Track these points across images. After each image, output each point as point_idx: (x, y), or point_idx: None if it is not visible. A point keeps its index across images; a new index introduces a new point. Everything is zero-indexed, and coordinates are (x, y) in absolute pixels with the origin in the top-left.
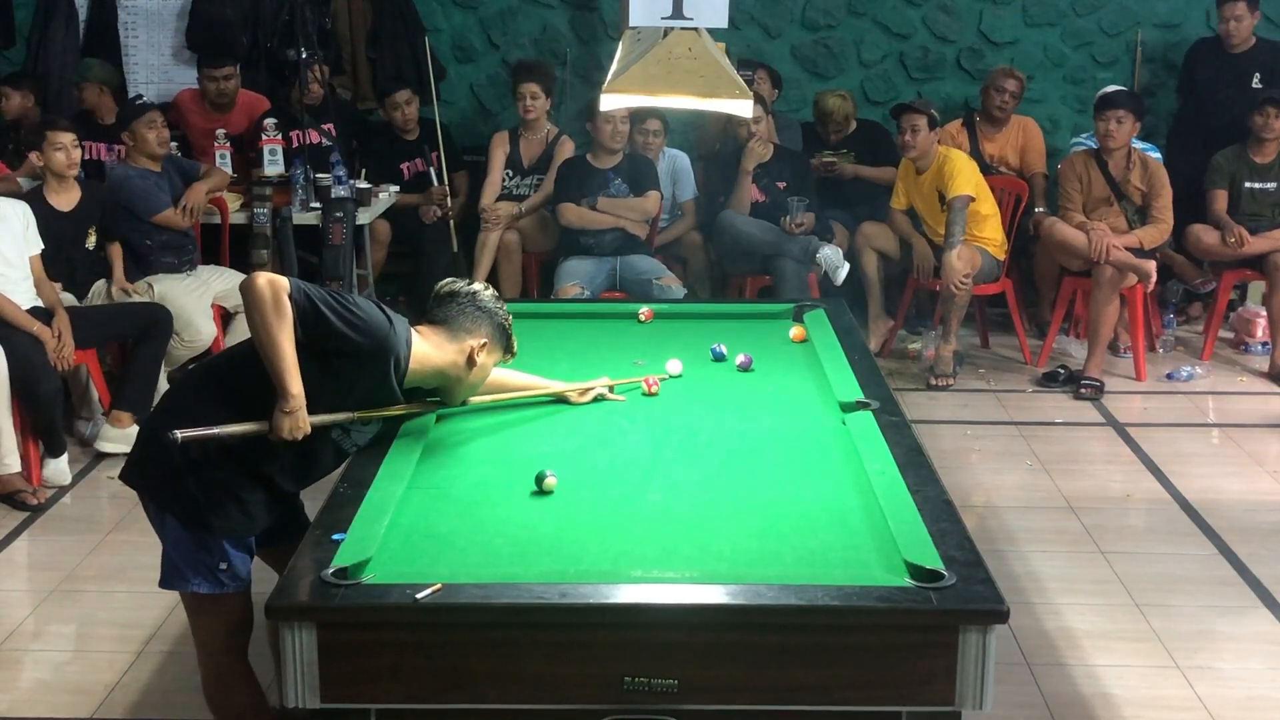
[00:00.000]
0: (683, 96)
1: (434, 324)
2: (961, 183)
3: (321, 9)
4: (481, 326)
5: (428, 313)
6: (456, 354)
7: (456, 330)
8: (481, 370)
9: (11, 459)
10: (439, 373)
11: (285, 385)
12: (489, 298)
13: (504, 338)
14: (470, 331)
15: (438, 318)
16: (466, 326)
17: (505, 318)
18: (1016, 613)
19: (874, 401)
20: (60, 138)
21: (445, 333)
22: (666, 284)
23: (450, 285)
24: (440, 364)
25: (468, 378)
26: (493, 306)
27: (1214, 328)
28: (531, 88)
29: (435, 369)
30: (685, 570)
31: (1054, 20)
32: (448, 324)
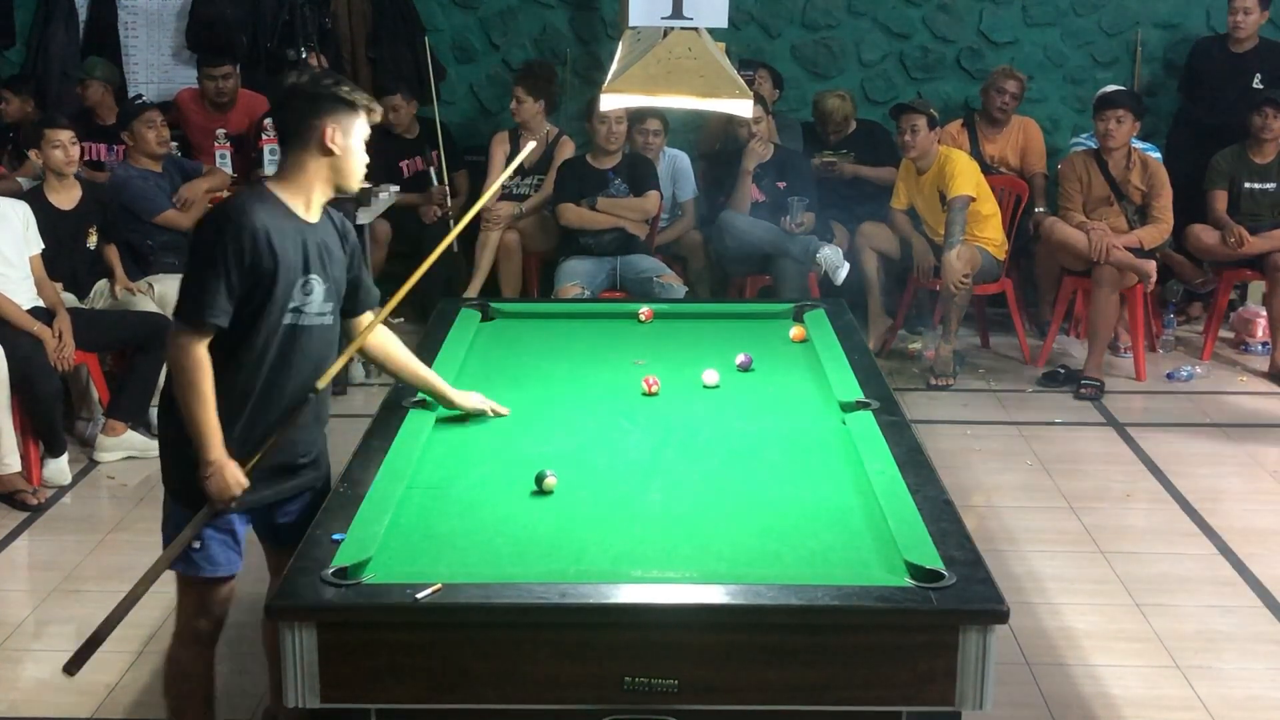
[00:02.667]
0: (683, 96)
1: (285, 154)
2: (962, 183)
3: (321, 9)
4: (314, 114)
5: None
6: (316, 158)
7: (297, 138)
8: (350, 153)
9: (11, 459)
10: (317, 184)
11: (200, 452)
12: (307, 81)
13: (344, 104)
14: (310, 127)
15: (284, 145)
16: (302, 127)
17: (332, 86)
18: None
19: (874, 401)
20: (58, 135)
21: (293, 150)
22: (667, 281)
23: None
24: (312, 178)
25: (345, 166)
26: (313, 88)
27: (1214, 328)
28: (517, 90)
29: (311, 184)
30: (685, 570)
31: (1054, 20)
32: (287, 141)
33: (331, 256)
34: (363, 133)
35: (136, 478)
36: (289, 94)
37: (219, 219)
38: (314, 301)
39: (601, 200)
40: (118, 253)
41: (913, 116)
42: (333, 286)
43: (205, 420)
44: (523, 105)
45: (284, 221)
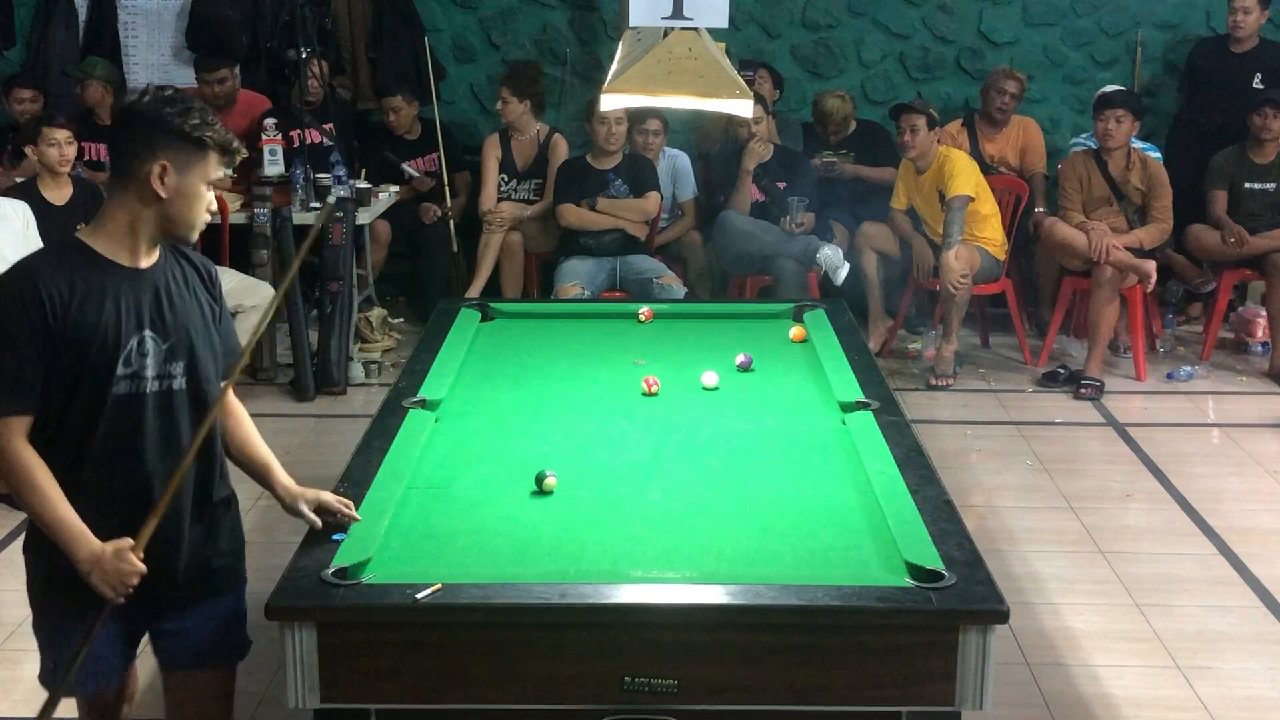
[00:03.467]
0: (683, 96)
1: (109, 190)
2: (961, 183)
3: (321, 9)
4: (146, 146)
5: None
6: (138, 199)
7: (121, 172)
8: (186, 198)
9: None
10: (142, 229)
11: (71, 555)
12: (147, 103)
13: (188, 142)
14: (139, 159)
15: (110, 179)
16: (128, 159)
17: (175, 117)
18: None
19: (874, 401)
20: (55, 134)
21: (114, 187)
22: (667, 283)
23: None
24: (134, 221)
25: (175, 213)
26: (152, 113)
27: (1214, 328)
28: (503, 92)
29: (134, 229)
30: (685, 570)
31: (1054, 20)
32: (112, 172)
33: (178, 306)
34: (208, 176)
35: None
36: (123, 116)
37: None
38: (151, 364)
39: (601, 201)
40: None
41: (912, 116)
42: (181, 341)
43: (59, 518)
44: (508, 106)
45: (97, 275)
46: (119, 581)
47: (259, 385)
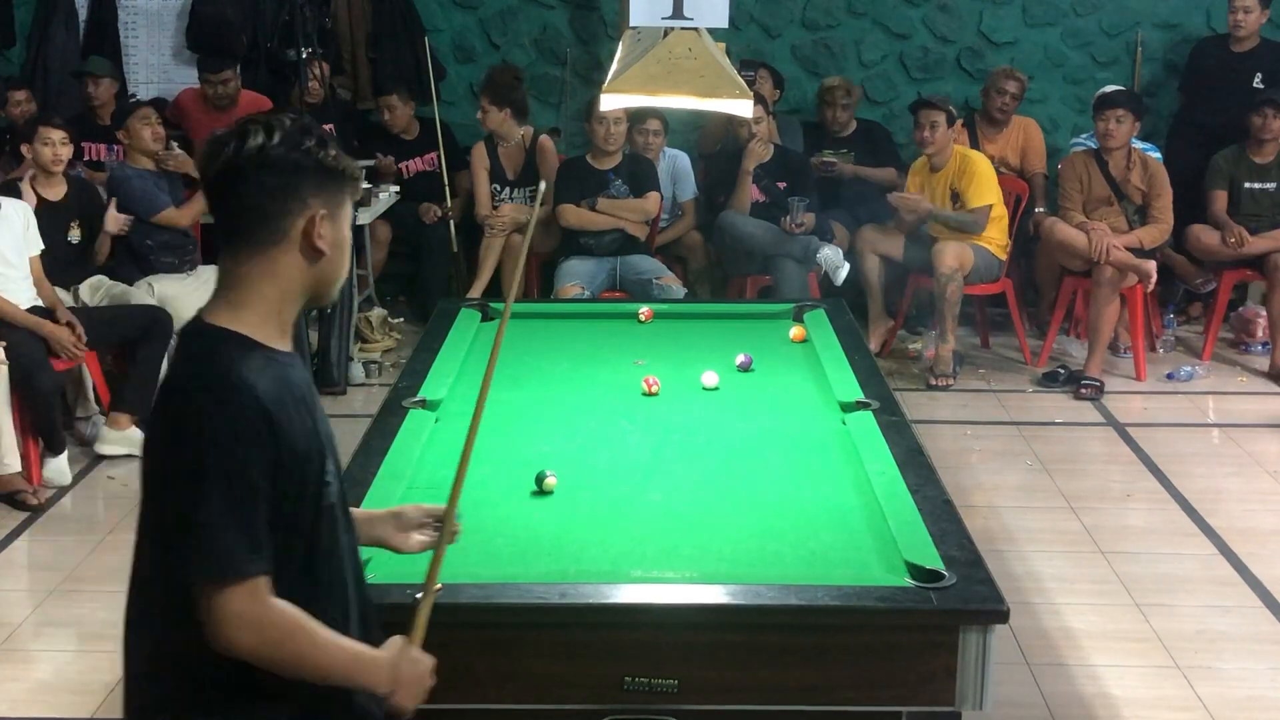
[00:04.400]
0: (683, 96)
1: (234, 259)
2: (985, 191)
3: (321, 9)
4: (294, 197)
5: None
6: (286, 264)
7: (262, 235)
8: (341, 250)
9: (11, 458)
10: (289, 302)
11: (371, 686)
12: (280, 142)
13: (335, 177)
14: (287, 215)
15: (233, 245)
16: (273, 217)
17: (316, 150)
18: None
19: (874, 401)
20: (51, 134)
21: (255, 253)
22: (666, 284)
23: (214, 170)
24: (284, 292)
25: (332, 272)
26: (292, 154)
27: (1214, 328)
28: (482, 101)
29: (283, 301)
30: (685, 570)
31: (1054, 20)
32: (242, 238)
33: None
34: (350, 215)
35: (137, 477)
36: (249, 165)
37: (207, 404)
38: (331, 465)
39: (602, 201)
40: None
41: (932, 112)
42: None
43: (349, 652)
44: (487, 115)
45: (278, 370)
46: (420, 686)
47: None
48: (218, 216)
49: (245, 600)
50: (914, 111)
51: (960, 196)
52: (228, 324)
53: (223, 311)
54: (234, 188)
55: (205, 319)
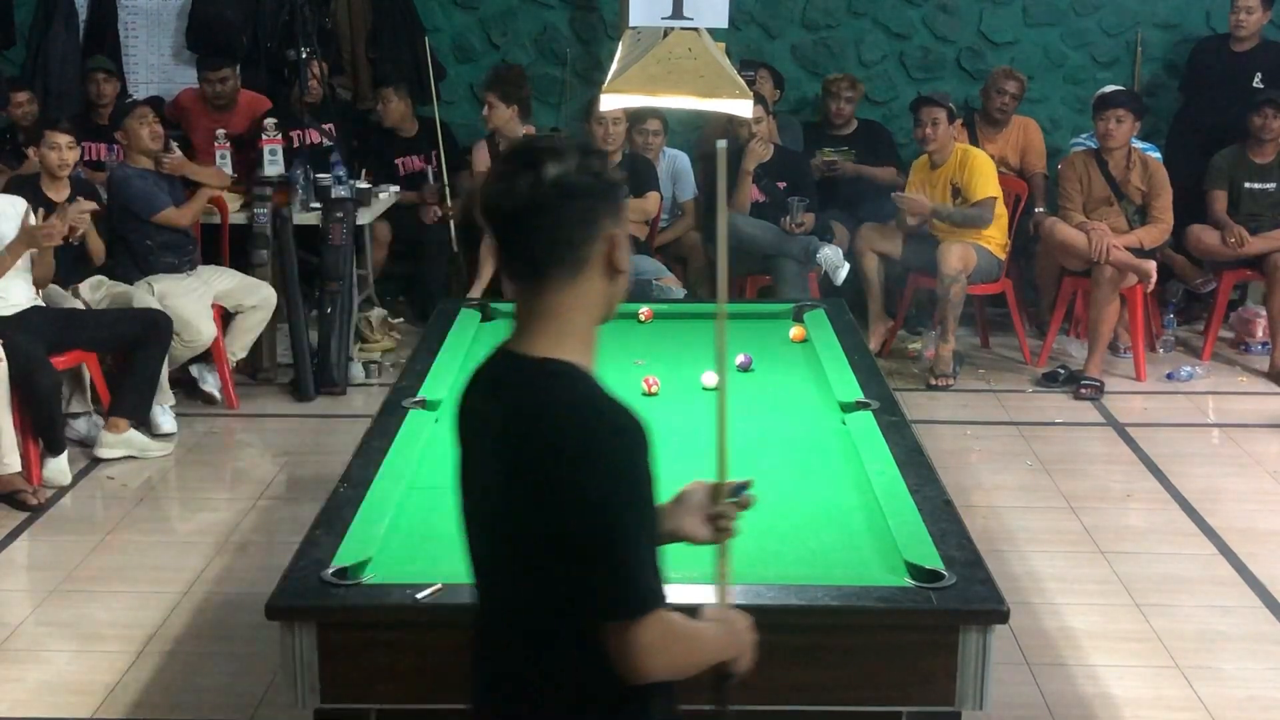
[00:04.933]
0: (683, 96)
1: (540, 291)
2: (988, 184)
3: (321, 9)
4: (598, 220)
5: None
6: (591, 290)
7: (574, 261)
8: (627, 268)
9: (11, 458)
10: (590, 327)
11: (735, 651)
12: (575, 168)
13: (620, 195)
14: (595, 240)
15: (539, 277)
16: (572, 249)
17: (602, 169)
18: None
19: (874, 401)
20: (57, 138)
21: (567, 281)
22: (666, 284)
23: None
24: (587, 320)
25: (621, 287)
26: (590, 179)
27: (1214, 328)
28: (489, 97)
29: (592, 328)
30: (685, 570)
31: (1054, 20)
32: (553, 268)
33: None
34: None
35: (137, 478)
36: (555, 196)
37: (604, 436)
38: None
39: None
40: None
41: (933, 109)
42: None
43: (713, 636)
44: (494, 111)
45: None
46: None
47: (259, 385)
48: (517, 250)
49: (657, 628)
50: (914, 109)
51: (962, 192)
52: (557, 355)
53: (544, 343)
54: (537, 221)
55: (530, 353)
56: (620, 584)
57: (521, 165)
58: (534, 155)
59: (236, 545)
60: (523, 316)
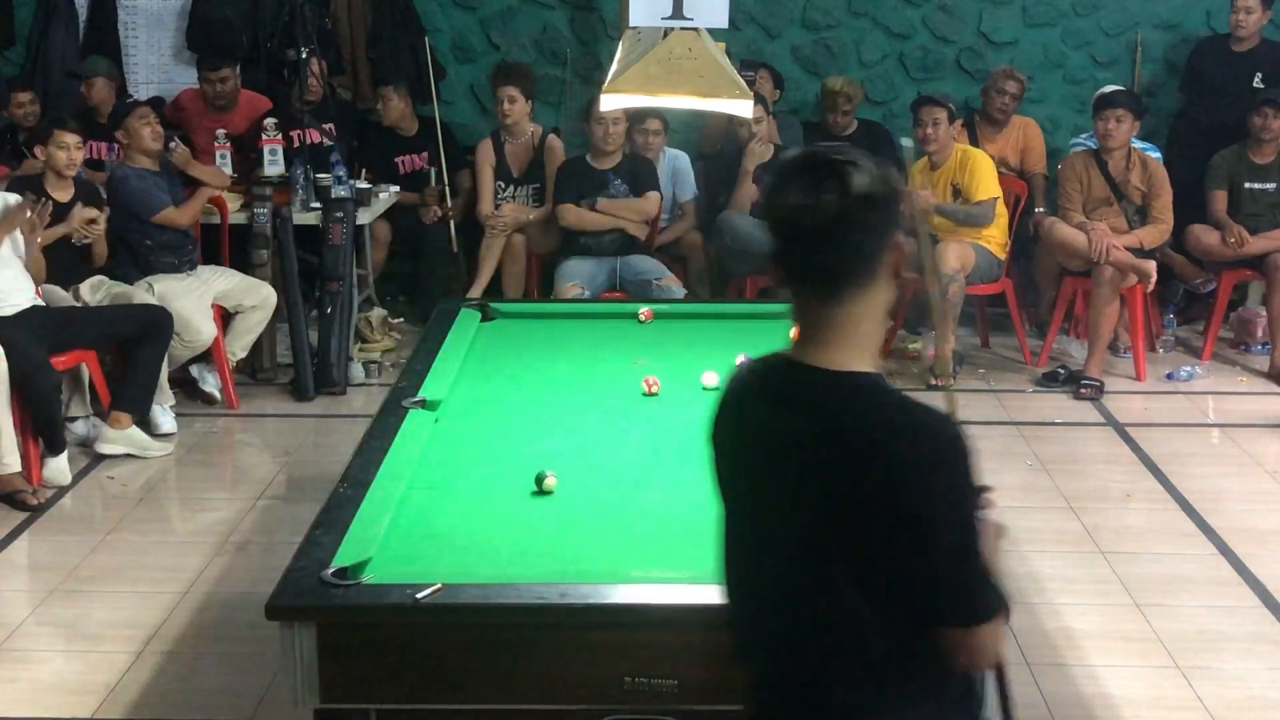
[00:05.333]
0: (683, 96)
1: (835, 301)
2: (989, 183)
3: (321, 9)
4: (891, 230)
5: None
6: (879, 299)
7: (871, 271)
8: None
9: (11, 458)
10: (882, 330)
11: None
12: (880, 179)
13: (901, 200)
14: (888, 250)
15: (835, 288)
16: (873, 258)
17: (892, 178)
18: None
19: None
20: (66, 138)
21: (865, 290)
22: (666, 284)
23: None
24: (876, 329)
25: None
26: (891, 188)
27: (1214, 328)
28: (510, 91)
29: (876, 338)
30: (685, 570)
31: (1054, 20)
32: (852, 280)
33: None
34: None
35: (137, 478)
36: (861, 207)
37: (950, 446)
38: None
39: (601, 201)
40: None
41: (934, 110)
42: None
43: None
44: (515, 105)
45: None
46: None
47: (259, 385)
48: (814, 263)
49: (999, 626)
50: (914, 110)
51: (962, 192)
52: (856, 367)
53: (841, 355)
54: (843, 235)
55: (827, 366)
56: (977, 590)
57: (823, 178)
58: (836, 168)
59: (236, 545)
60: (811, 327)
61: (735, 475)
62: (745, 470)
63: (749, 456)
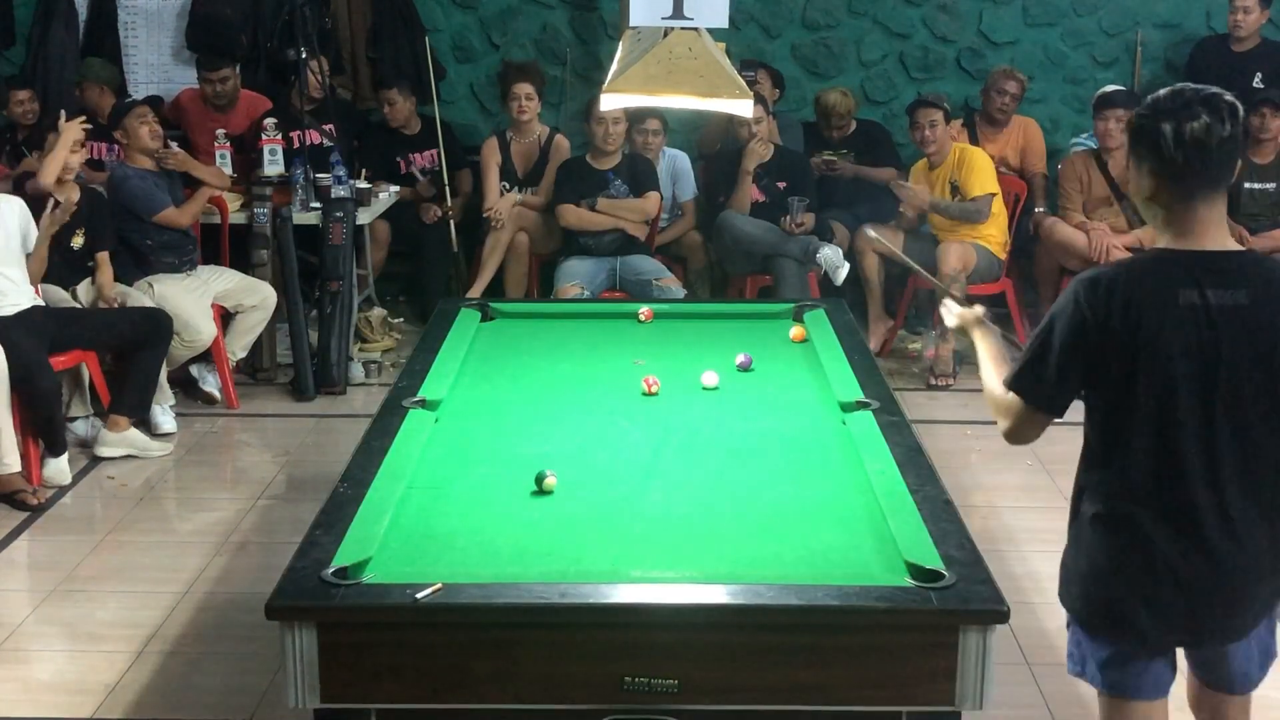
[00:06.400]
0: (683, 96)
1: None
2: (986, 180)
3: (321, 9)
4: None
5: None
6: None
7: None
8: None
9: (11, 459)
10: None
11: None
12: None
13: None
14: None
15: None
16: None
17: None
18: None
19: (874, 401)
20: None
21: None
22: (666, 285)
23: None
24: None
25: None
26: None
27: None
28: (526, 88)
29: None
30: (685, 570)
31: (1054, 20)
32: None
33: None
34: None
35: (137, 478)
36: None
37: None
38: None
39: (601, 201)
40: (108, 258)
41: (931, 111)
42: None
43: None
44: (531, 103)
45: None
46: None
47: (259, 385)
48: (1219, 173)
49: None
50: (910, 113)
51: (960, 189)
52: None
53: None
54: (1235, 149)
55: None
56: None
57: (1218, 107)
58: (1222, 101)
59: (236, 545)
60: (1202, 223)
61: (1160, 345)
62: (1179, 340)
63: (1186, 328)
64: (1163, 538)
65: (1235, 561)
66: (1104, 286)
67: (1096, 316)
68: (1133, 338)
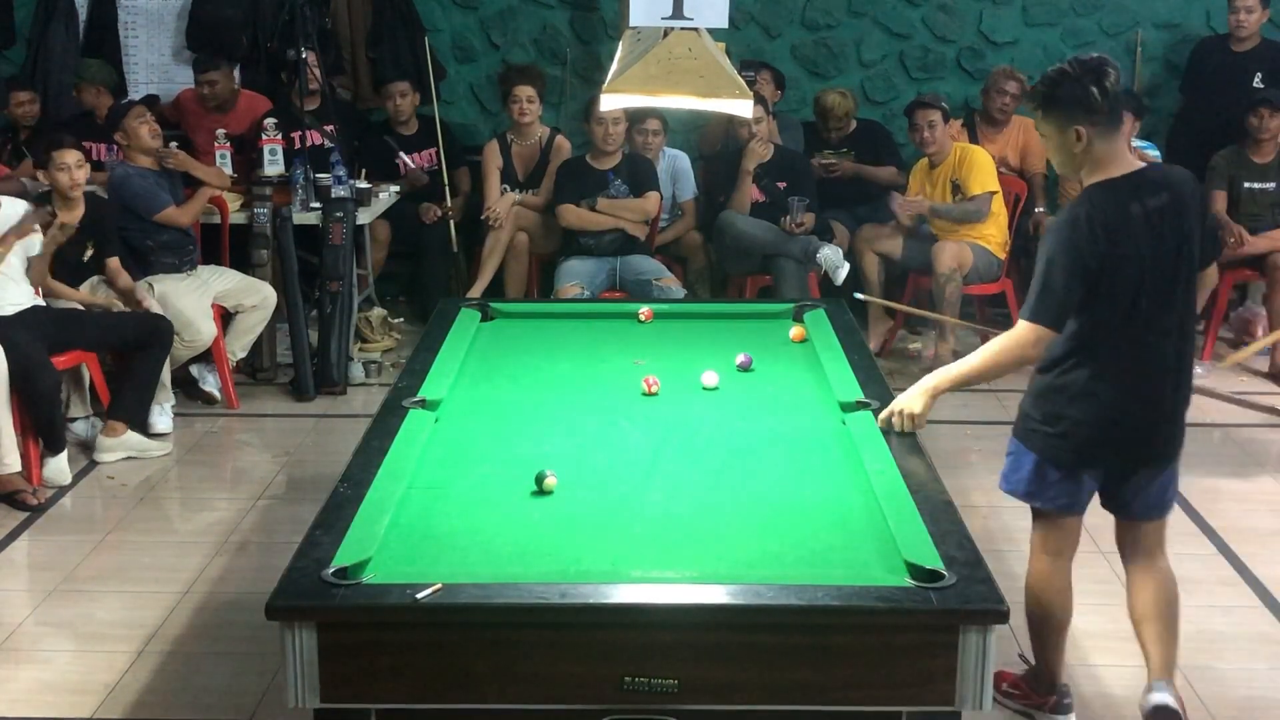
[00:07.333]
0: (683, 96)
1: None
2: (986, 179)
3: (321, 9)
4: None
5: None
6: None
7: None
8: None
9: (11, 458)
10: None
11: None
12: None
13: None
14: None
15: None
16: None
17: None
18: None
19: (874, 401)
20: (65, 157)
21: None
22: (666, 285)
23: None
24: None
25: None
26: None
27: (1214, 328)
28: (527, 91)
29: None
30: (685, 570)
31: (1054, 20)
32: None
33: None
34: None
35: (136, 478)
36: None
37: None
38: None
39: (601, 201)
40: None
41: (929, 112)
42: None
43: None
44: (532, 105)
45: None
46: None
47: (259, 385)
48: (1115, 117)
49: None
50: (908, 115)
51: (961, 187)
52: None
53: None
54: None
55: (1140, 168)
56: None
57: (1110, 63)
58: (1106, 59)
59: (236, 545)
60: (1126, 150)
61: (1129, 247)
62: (1142, 238)
63: (1141, 230)
64: (1128, 382)
65: (1175, 400)
66: (1084, 220)
67: (1087, 244)
68: (1113, 249)
